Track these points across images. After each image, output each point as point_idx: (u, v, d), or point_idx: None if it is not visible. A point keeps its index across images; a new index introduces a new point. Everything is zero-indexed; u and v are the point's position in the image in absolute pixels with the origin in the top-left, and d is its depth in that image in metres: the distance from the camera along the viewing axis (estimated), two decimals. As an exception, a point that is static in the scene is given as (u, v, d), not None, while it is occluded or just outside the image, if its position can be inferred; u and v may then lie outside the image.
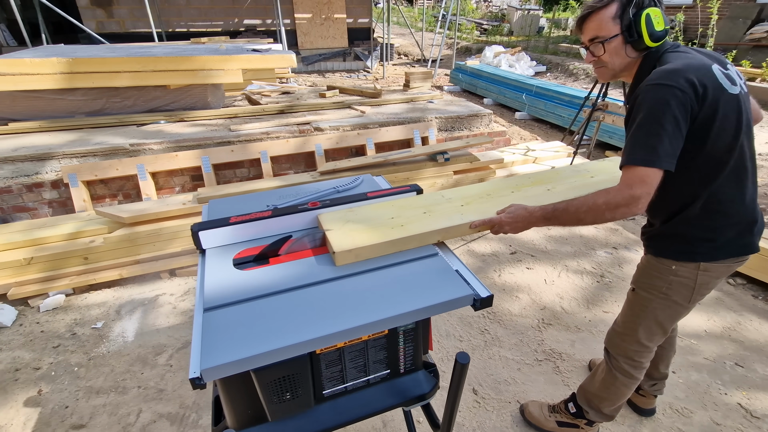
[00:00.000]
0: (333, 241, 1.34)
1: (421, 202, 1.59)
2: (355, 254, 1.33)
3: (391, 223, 1.45)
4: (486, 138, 3.87)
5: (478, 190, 1.68)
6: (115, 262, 2.97)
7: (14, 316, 2.70)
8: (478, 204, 1.57)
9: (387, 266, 1.34)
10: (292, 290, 1.24)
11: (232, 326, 1.10)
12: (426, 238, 1.42)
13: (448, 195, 1.65)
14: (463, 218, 1.46)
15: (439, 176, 3.64)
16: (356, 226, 1.43)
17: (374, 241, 1.35)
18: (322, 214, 1.52)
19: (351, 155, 4.35)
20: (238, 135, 4.02)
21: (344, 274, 1.30)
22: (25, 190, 3.50)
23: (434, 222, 1.45)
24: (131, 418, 2.07)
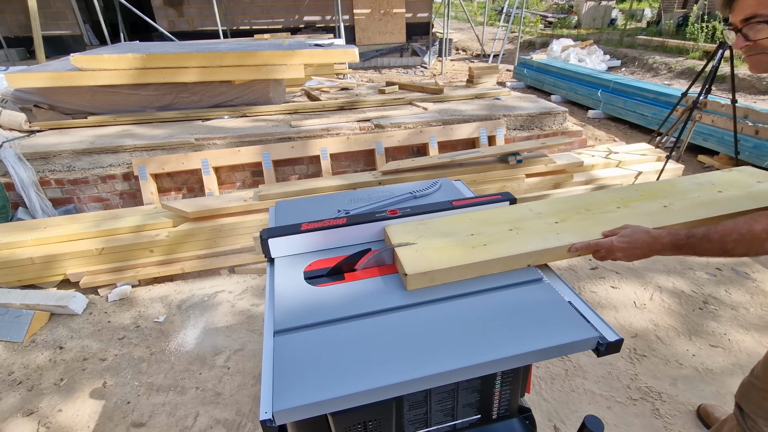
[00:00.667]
0: (404, 260, 1.14)
1: (504, 216, 1.35)
2: (430, 278, 1.12)
3: (471, 240, 1.22)
4: (565, 138, 3.51)
5: (573, 204, 1.40)
6: (177, 256, 2.99)
7: (85, 304, 2.78)
8: (576, 221, 1.30)
9: (480, 292, 1.12)
10: (373, 315, 1.05)
11: (308, 358, 0.93)
12: (514, 262, 1.18)
13: (537, 208, 1.39)
14: (560, 239, 1.21)
15: (509, 179, 3.34)
16: (430, 242, 1.22)
17: (453, 262, 1.13)
18: (390, 227, 1.32)
19: (412, 154, 4.15)
20: (299, 131, 3.95)
21: (432, 298, 1.10)
22: (100, 181, 3.64)
23: (524, 242, 1.20)
24: (189, 422, 2.01)
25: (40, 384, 2.23)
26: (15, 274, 2.82)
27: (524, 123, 4.37)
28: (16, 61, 9.26)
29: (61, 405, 2.11)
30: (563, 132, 4.31)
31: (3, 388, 2.21)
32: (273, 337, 1.01)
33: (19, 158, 3.53)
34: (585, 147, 4.44)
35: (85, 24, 10.35)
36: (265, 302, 1.16)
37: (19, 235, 2.88)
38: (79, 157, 3.66)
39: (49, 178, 3.57)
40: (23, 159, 3.54)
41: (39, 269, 2.84)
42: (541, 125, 4.39)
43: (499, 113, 4.29)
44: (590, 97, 6.45)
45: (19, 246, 2.85)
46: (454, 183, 1.75)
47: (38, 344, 2.50)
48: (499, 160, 3.43)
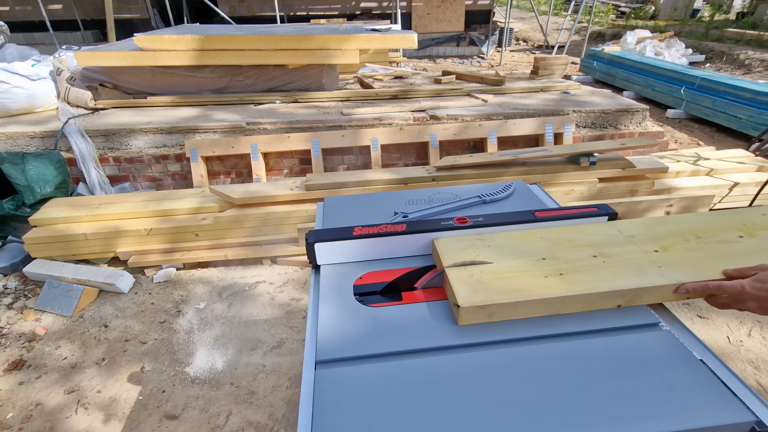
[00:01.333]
0: (457, 287, 0.92)
1: (585, 236, 1.08)
2: (489, 313, 0.89)
3: (543, 267, 0.97)
4: (648, 139, 3.08)
5: (677, 227, 1.10)
6: (222, 242, 2.93)
7: (131, 283, 2.79)
8: (682, 251, 1.01)
9: (572, 335, 0.88)
10: (434, 353, 0.85)
11: (355, 404, 0.74)
12: (600, 300, 0.92)
13: (629, 230, 1.10)
14: (664, 275, 0.93)
15: (578, 183, 2.99)
16: (490, 266, 0.98)
17: (520, 295, 0.89)
18: (439, 240, 1.09)
19: (468, 150, 3.86)
20: (350, 119, 3.78)
21: (513, 337, 0.87)
22: (154, 161, 3.68)
23: (613, 275, 0.94)
24: (221, 420, 1.92)
25: (83, 361, 2.24)
26: (70, 249, 2.89)
27: (596, 121, 3.94)
28: (91, 42, 9.84)
29: (100, 386, 2.10)
30: (642, 133, 3.84)
31: (49, 361, 2.24)
32: (314, 369, 0.83)
33: (81, 134, 3.63)
34: (666, 150, 3.93)
35: (153, 8, 10.80)
36: (308, 319, 0.98)
37: (76, 211, 2.95)
38: (136, 136, 3.72)
39: (108, 155, 3.65)
40: (85, 135, 3.64)
41: (91, 245, 2.88)
42: (616, 124, 3.93)
43: (567, 108, 3.89)
44: (670, 94, 5.78)
45: (74, 221, 2.91)
46: (530, 188, 1.49)
47: (85, 320, 2.53)
48: (569, 160, 3.08)
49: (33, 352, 2.31)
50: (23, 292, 2.74)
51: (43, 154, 3.26)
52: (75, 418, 1.94)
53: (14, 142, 3.62)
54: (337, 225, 1.29)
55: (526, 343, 0.86)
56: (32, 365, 2.23)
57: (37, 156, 3.21)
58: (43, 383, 2.12)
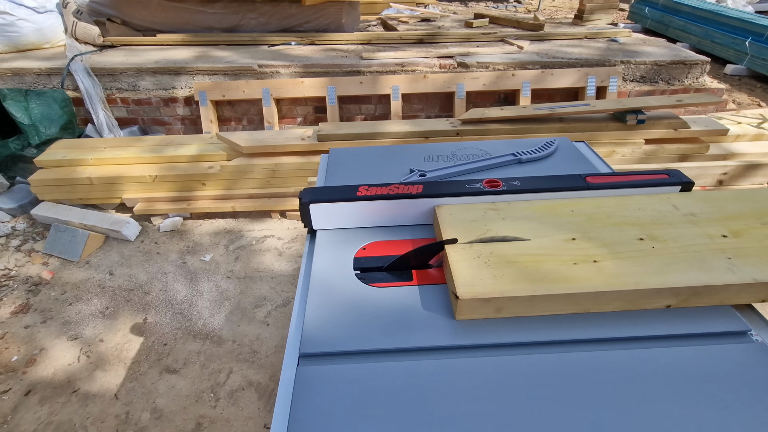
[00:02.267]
0: (457, 272, 0.72)
1: (630, 211, 0.85)
2: (496, 307, 0.70)
3: (571, 250, 0.76)
4: (710, 96, 2.67)
5: (754, 205, 0.85)
6: (229, 193, 2.79)
7: (137, 231, 2.71)
8: (761, 237, 0.78)
9: (613, 342, 0.68)
10: (451, 353, 0.67)
11: (344, 416, 0.58)
12: (644, 299, 0.71)
13: (688, 206, 0.86)
14: (737, 271, 0.71)
15: (622, 144, 2.66)
16: (503, 246, 0.77)
17: (539, 288, 0.69)
18: (442, 208, 0.88)
19: (497, 103, 3.52)
20: (370, 64, 3.46)
21: (551, 339, 0.68)
22: (162, 104, 3.49)
23: (665, 267, 0.72)
24: (221, 377, 1.86)
25: (87, 309, 2.20)
26: (76, 192, 2.80)
27: (647, 74, 3.49)
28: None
29: (103, 335, 2.06)
30: (699, 89, 3.39)
31: (55, 307, 2.22)
32: (297, 365, 0.67)
33: (88, 73, 3.45)
34: (724, 111, 3.49)
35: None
36: (296, 297, 0.81)
37: (81, 153, 2.83)
38: (143, 77, 3.51)
39: (116, 96, 3.48)
40: (92, 74, 3.46)
41: (97, 190, 2.79)
42: (669, 78, 3.48)
43: (615, 59, 3.44)
44: (732, 47, 5.12)
45: (79, 164, 2.80)
46: (577, 146, 1.24)
47: (91, 266, 2.48)
48: (613, 117, 2.73)
49: (39, 296, 2.28)
50: (32, 235, 2.70)
51: (47, 92, 3.11)
52: (77, 365, 1.92)
53: (21, 79, 3.47)
54: (342, 182, 1.09)
55: (605, 348, 0.67)
56: (38, 309, 2.20)
57: (41, 94, 3.06)
58: (48, 328, 2.10)
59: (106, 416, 1.71)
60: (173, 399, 1.77)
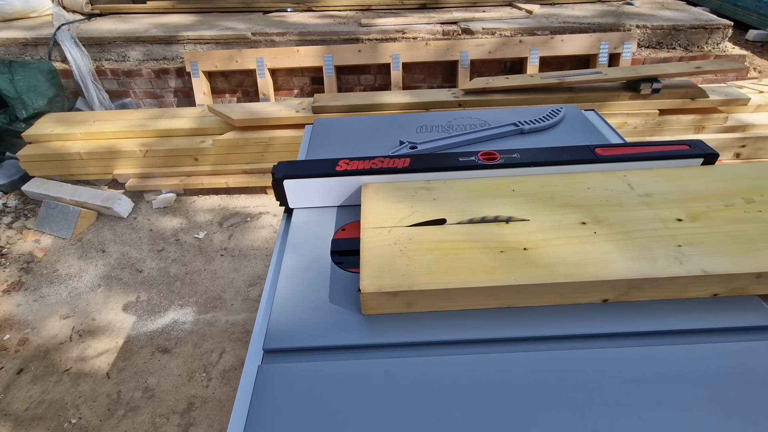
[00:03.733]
0: (366, 262, 0.64)
1: (577, 191, 0.75)
2: (406, 302, 0.62)
3: (499, 237, 0.67)
4: (732, 62, 2.49)
5: (721, 185, 0.75)
6: (223, 168, 2.70)
7: (130, 208, 2.65)
8: (722, 222, 0.68)
9: (641, 336, 0.60)
10: (439, 348, 0.59)
11: (309, 420, 0.51)
12: (577, 292, 0.62)
13: (645, 185, 0.76)
14: (685, 262, 0.62)
15: (634, 114, 2.51)
16: (425, 232, 0.69)
17: (454, 281, 0.61)
18: (369, 186, 0.79)
19: (503, 71, 3.34)
20: (369, 31, 3.28)
21: (553, 334, 0.60)
22: (154, 75, 3.36)
23: (602, 256, 0.63)
24: (213, 357, 1.82)
25: (79, 287, 2.16)
26: (66, 168, 2.73)
27: (663, 39, 3.28)
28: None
29: (95, 313, 2.03)
30: (719, 56, 3.18)
31: (46, 284, 2.18)
32: (261, 361, 0.59)
33: (75, 42, 3.30)
34: (745, 79, 3.29)
35: None
36: (266, 283, 0.73)
37: (70, 127, 2.73)
38: (132, 46, 3.37)
39: (105, 67, 3.35)
40: (80, 44, 3.31)
41: (88, 165, 2.71)
42: (687, 44, 3.27)
43: (629, 23, 3.23)
44: (756, 11, 4.81)
45: (68, 138, 2.71)
46: (585, 114, 1.12)
47: (84, 244, 2.43)
48: (625, 86, 2.56)
49: (31, 274, 2.25)
50: (23, 212, 2.65)
51: (32, 63, 2.99)
52: (69, 344, 1.89)
53: (6, 49, 3.34)
54: (325, 156, 1.00)
55: (612, 344, 0.59)
56: (30, 287, 2.17)
57: (26, 65, 2.94)
58: (40, 307, 2.07)
59: (97, 395, 1.69)
60: (165, 378, 1.75)
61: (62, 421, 1.61)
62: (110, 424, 1.60)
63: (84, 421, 1.61)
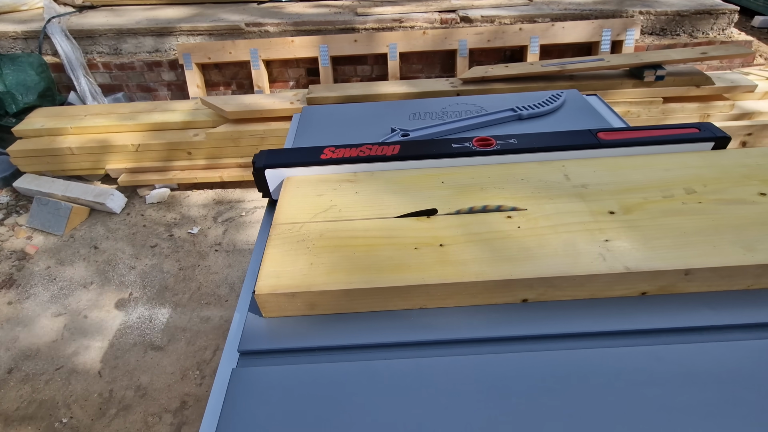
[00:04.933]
0: (267, 260, 0.60)
1: (509, 183, 0.70)
2: (307, 303, 0.57)
3: (417, 232, 0.63)
4: (739, 48, 2.42)
5: (662, 174, 0.70)
6: (217, 162, 2.65)
7: (123, 203, 2.60)
8: (657, 214, 0.63)
9: (649, 333, 0.55)
10: (431, 348, 0.55)
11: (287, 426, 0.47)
12: (490, 294, 0.57)
13: (581, 175, 0.71)
14: (608, 257, 0.57)
15: (637, 102, 2.44)
16: (338, 227, 0.65)
17: (354, 282, 0.56)
18: (291, 180, 0.75)
19: (503, 60, 3.26)
20: (365, 20, 3.21)
21: (555, 332, 0.56)
22: (147, 69, 3.30)
23: (520, 252, 0.59)
24: (207, 354, 1.79)
25: (71, 284, 2.13)
26: (58, 163, 2.68)
27: (667, 25, 3.20)
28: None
29: (87, 311, 1.99)
30: (724, 42, 3.10)
31: (38, 282, 2.15)
32: (236, 363, 0.55)
33: (66, 35, 3.24)
34: (751, 66, 3.21)
35: None
36: (245, 280, 0.69)
37: (60, 122, 2.68)
38: (125, 39, 3.30)
39: (97, 60, 3.29)
40: (70, 36, 3.25)
41: (79, 161, 2.66)
42: (692, 30, 3.19)
43: (632, 9, 3.14)
44: (763, -4, 4.70)
45: (59, 133, 2.66)
46: (587, 99, 1.07)
47: (76, 240, 2.39)
48: (628, 74, 2.50)
49: (23, 271, 2.21)
50: (15, 208, 2.61)
51: (21, 57, 2.93)
52: (60, 342, 1.86)
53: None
54: (314, 143, 0.95)
55: (624, 343, 0.54)
56: (21, 285, 2.14)
57: (14, 58, 2.88)
58: (31, 304, 2.03)
59: (89, 394, 1.66)
60: (158, 377, 1.71)
61: (53, 421, 1.58)
62: (102, 424, 1.56)
63: (75, 420, 1.58)
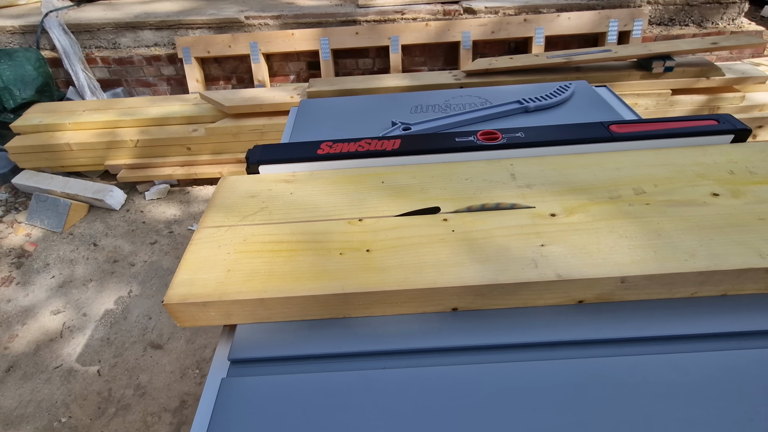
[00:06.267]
0: (182, 267, 0.57)
1: (453, 182, 0.67)
2: (223, 312, 0.54)
3: (345, 236, 0.60)
4: (750, 38, 2.35)
5: (613, 174, 0.66)
6: (216, 158, 2.61)
7: (122, 200, 2.58)
8: (600, 216, 0.59)
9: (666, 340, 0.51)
10: (424, 356, 0.51)
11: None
12: (417, 303, 0.54)
13: (528, 174, 0.68)
14: (540, 263, 0.54)
15: (645, 94, 2.38)
16: (266, 230, 0.62)
17: (269, 291, 0.53)
18: (227, 179, 0.72)
19: (507, 52, 3.20)
20: (367, 12, 3.15)
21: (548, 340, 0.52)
22: (145, 63, 3.26)
23: (452, 257, 0.55)
24: (207, 353, 1.76)
25: (70, 282, 2.11)
26: (56, 160, 2.65)
27: (675, 15, 3.12)
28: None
29: (86, 308, 1.97)
30: (734, 32, 3.02)
31: (37, 280, 2.13)
32: (226, 373, 0.52)
33: (63, 29, 3.20)
34: (762, 56, 3.13)
35: None
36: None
37: (59, 117, 2.65)
38: (123, 33, 3.26)
39: (95, 55, 3.25)
40: (68, 31, 3.21)
41: (78, 157, 2.64)
42: (701, 20, 3.11)
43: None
44: (773, -15, 4.59)
45: (57, 129, 2.63)
46: (597, 90, 1.02)
47: (75, 237, 2.37)
48: (636, 65, 2.44)
49: (22, 268, 2.19)
50: (14, 205, 2.59)
51: (19, 52, 2.89)
52: (59, 341, 1.84)
53: (-6, 38, 3.25)
54: (312, 138, 0.91)
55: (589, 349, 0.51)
56: (20, 282, 2.12)
57: (12, 53, 2.85)
58: (30, 302, 2.02)
59: (88, 393, 1.64)
60: (157, 375, 1.69)
61: (52, 420, 1.56)
62: (101, 423, 1.55)
63: (74, 420, 1.56)
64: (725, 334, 0.51)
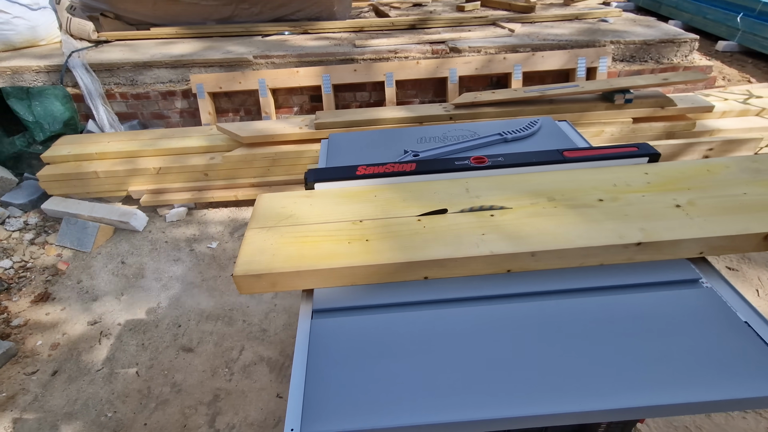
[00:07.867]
0: (243, 250, 0.85)
1: (425, 195, 0.96)
2: (270, 282, 0.82)
3: (350, 232, 0.88)
4: (696, 74, 2.76)
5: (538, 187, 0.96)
6: (231, 182, 2.89)
7: (145, 222, 2.81)
8: (525, 215, 0.89)
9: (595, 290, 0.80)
10: (444, 305, 0.78)
11: (353, 358, 0.69)
12: (398, 272, 0.82)
13: (480, 189, 0.97)
14: (481, 245, 0.82)
15: (610, 123, 2.75)
16: (296, 230, 0.90)
17: (305, 264, 0.81)
18: (263, 197, 1.02)
19: (490, 86, 3.59)
20: (363, 52, 3.52)
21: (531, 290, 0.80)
22: (161, 98, 3.56)
23: (421, 244, 0.84)
24: (234, 354, 1.98)
25: (103, 295, 2.32)
26: (83, 186, 2.89)
27: (636, 53, 3.56)
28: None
29: (120, 318, 2.18)
30: (687, 67, 3.46)
31: (72, 295, 2.33)
32: (311, 319, 0.78)
33: (86, 69, 3.50)
34: (713, 87, 3.57)
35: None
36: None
37: (85, 148, 2.91)
38: (140, 71, 3.57)
39: (114, 91, 3.54)
40: (90, 70, 3.51)
41: (103, 184, 2.88)
42: (658, 57, 3.55)
43: (604, 39, 3.50)
44: (724, 23, 5.16)
45: (85, 159, 2.89)
46: (558, 125, 1.34)
47: (103, 256, 2.58)
48: (601, 98, 2.81)
49: (56, 285, 2.40)
50: (44, 228, 2.81)
51: (48, 89, 3.17)
52: (98, 347, 2.04)
53: (20, 76, 3.52)
54: (342, 164, 1.19)
55: (546, 298, 0.78)
56: (56, 298, 2.32)
57: (42, 91, 3.12)
58: (68, 315, 2.22)
59: (129, 391, 1.84)
60: (190, 374, 1.90)
61: (99, 415, 1.75)
62: (144, 416, 1.74)
63: (119, 414, 1.76)
64: (601, 287, 0.79)
